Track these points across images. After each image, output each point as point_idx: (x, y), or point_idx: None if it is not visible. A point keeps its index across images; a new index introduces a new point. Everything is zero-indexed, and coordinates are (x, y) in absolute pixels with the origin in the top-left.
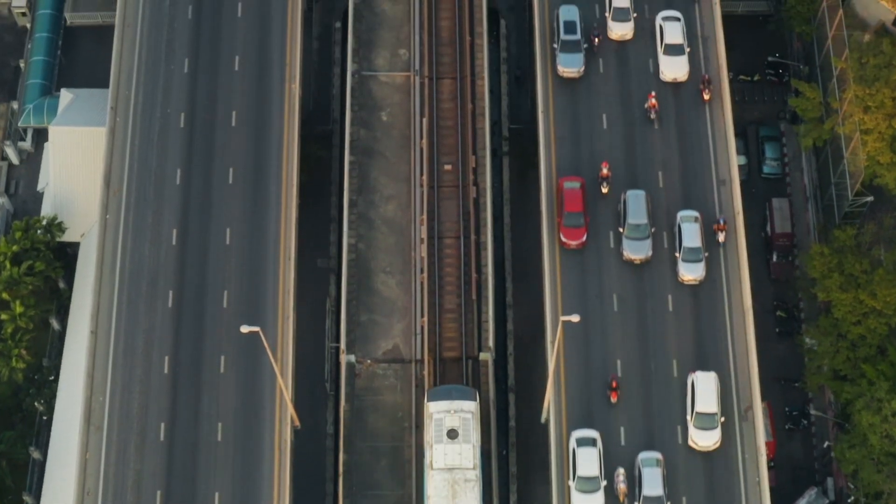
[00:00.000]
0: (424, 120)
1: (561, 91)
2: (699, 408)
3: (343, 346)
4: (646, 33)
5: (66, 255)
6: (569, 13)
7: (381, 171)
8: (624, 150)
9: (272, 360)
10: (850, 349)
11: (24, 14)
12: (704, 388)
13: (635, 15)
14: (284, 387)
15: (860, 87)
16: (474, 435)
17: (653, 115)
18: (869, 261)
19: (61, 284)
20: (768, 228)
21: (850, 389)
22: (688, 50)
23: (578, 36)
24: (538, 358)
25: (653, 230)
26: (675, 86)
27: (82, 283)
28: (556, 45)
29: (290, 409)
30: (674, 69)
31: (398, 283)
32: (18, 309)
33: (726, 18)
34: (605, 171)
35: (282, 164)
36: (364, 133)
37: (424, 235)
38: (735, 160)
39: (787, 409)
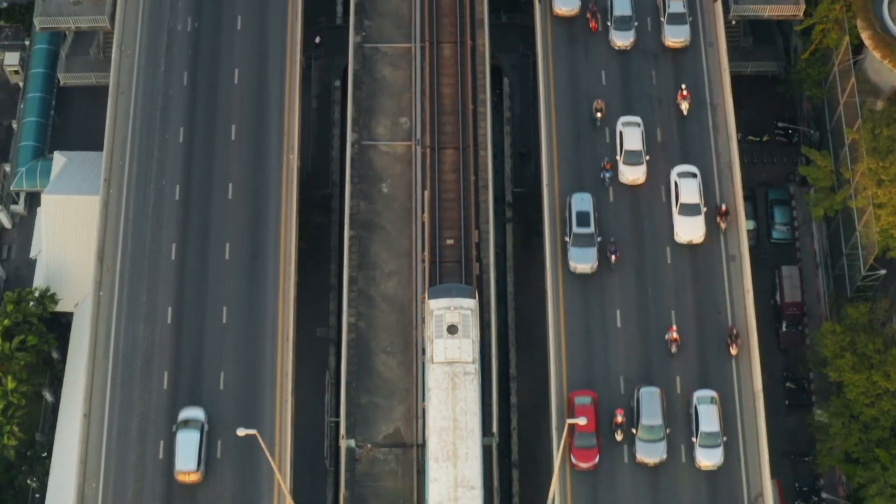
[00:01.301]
0: (426, 192)
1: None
2: None
3: (343, 430)
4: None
5: (60, 325)
6: (582, 203)
7: (382, 245)
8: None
9: (271, 461)
10: (863, 431)
11: (16, 72)
12: None
13: (647, 157)
14: (283, 482)
15: (873, 159)
16: (473, 330)
17: (674, 350)
18: (882, 339)
19: (54, 354)
20: (777, 297)
21: (863, 473)
22: (704, 210)
23: (592, 229)
24: (543, 433)
25: (668, 431)
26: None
27: (76, 354)
28: (567, 239)
29: (289, 502)
30: (689, 231)
31: (399, 363)
32: (10, 384)
33: (735, 78)
34: (619, 418)
35: (280, 239)
36: (364, 206)
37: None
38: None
39: (797, 484)
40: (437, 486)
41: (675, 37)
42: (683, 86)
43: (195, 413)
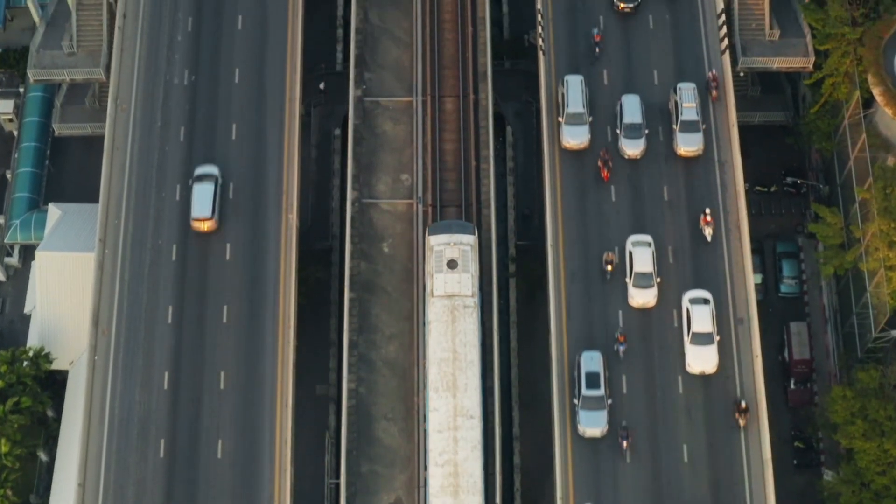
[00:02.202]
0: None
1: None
2: None
3: (343, 501)
4: None
5: (55, 382)
6: (592, 362)
7: (383, 307)
8: None
9: None
10: (875, 500)
11: (10, 120)
12: None
13: (658, 280)
14: None
15: (885, 220)
16: (473, 265)
17: None
18: (894, 406)
19: (49, 413)
20: (786, 353)
21: None
22: (717, 339)
23: (602, 391)
24: (547, 497)
25: None
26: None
27: (71, 413)
28: (576, 401)
29: None
30: (702, 361)
31: (400, 430)
32: (4, 448)
33: (742, 129)
34: None
35: (279, 301)
36: (365, 266)
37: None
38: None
39: None
40: (436, 416)
41: (688, 145)
42: (707, 210)
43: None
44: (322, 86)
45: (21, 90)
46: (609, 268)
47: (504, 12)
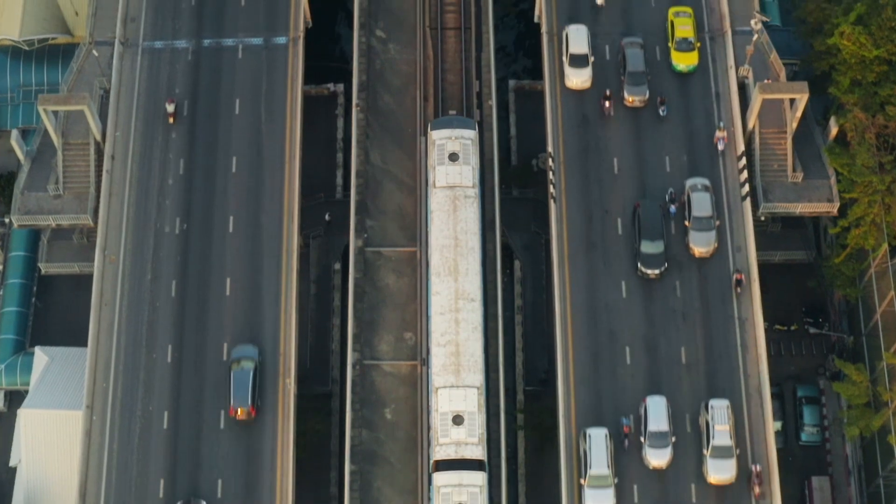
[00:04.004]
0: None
1: None
2: None
3: None
4: None
5: None
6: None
7: (385, 480)
8: None
9: None
10: None
11: None
12: None
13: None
14: None
15: None
16: (473, 158)
17: None
18: None
19: None
20: None
21: None
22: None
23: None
24: None
25: None
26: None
27: None
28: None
29: None
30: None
31: None
32: None
33: (762, 266)
34: None
35: (276, 480)
36: (366, 435)
37: None
38: None
39: None
40: (438, 299)
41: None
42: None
43: None
44: (327, 216)
45: (6, 220)
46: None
47: (512, 135)
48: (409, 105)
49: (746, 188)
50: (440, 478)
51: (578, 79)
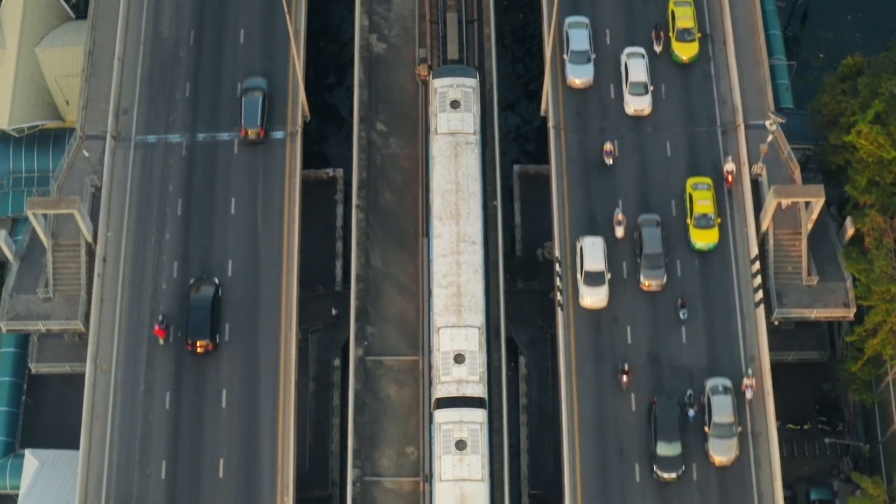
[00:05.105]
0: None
1: None
2: None
3: None
4: None
5: None
6: None
7: None
8: None
9: None
10: None
11: None
12: None
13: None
14: None
15: None
16: (475, 106)
17: None
18: None
19: None
20: None
21: None
22: None
23: None
24: None
25: None
26: None
27: None
28: None
29: None
30: None
31: None
32: None
33: (774, 366)
34: None
35: None
36: None
37: None
38: None
39: None
40: (440, 242)
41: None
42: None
43: None
44: (334, 311)
45: None
46: None
47: (517, 223)
48: (411, 203)
49: (760, 294)
50: (441, 415)
51: (592, 298)
